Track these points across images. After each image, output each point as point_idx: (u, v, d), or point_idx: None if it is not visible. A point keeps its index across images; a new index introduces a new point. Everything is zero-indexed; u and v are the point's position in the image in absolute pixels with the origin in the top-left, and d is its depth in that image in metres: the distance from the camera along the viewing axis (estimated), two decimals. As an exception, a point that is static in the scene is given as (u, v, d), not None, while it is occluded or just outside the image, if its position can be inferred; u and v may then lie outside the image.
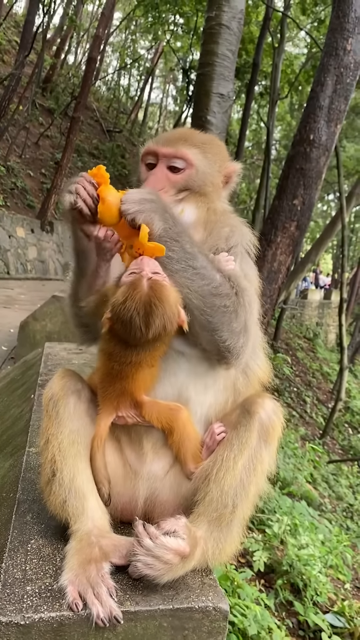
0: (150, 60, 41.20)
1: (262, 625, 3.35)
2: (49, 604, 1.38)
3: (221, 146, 1.96)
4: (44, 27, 24.71)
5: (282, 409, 1.70)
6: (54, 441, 1.60)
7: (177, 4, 20.82)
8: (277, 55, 17.76)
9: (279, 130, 36.05)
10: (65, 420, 1.62)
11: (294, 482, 6.80)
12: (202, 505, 1.58)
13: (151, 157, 1.83)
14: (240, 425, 1.63)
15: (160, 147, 1.80)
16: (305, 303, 27.20)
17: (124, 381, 1.60)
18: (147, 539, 1.43)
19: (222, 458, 1.60)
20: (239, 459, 1.59)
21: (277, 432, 1.65)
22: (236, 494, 1.57)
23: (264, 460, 1.62)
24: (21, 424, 2.82)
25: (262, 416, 1.63)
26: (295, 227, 6.42)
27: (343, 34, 6.16)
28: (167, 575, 1.44)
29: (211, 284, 1.58)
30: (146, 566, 1.41)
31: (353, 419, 17.97)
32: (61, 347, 4.52)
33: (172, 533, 1.46)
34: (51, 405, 1.64)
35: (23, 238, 19.03)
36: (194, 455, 1.67)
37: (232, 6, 6.65)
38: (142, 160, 1.86)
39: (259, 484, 1.63)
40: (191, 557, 1.49)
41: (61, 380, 1.69)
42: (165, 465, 1.69)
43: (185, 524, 1.52)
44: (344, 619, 4.16)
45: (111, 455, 1.70)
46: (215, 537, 1.57)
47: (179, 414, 1.63)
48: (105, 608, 1.36)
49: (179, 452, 1.66)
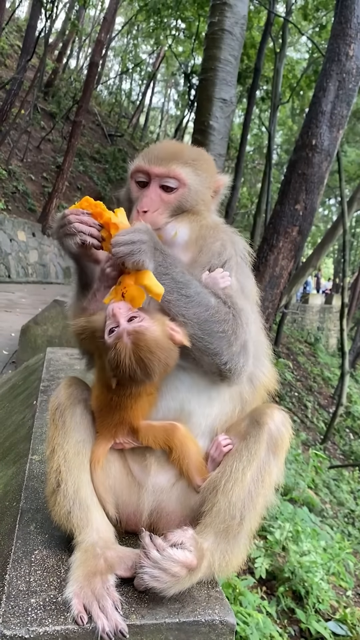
0: (152, 64, 41.30)
1: (264, 634, 3.33)
2: (53, 617, 1.36)
3: (210, 160, 1.93)
4: (46, 31, 24.75)
5: (290, 420, 1.69)
6: (60, 451, 1.59)
7: (179, 9, 20.90)
8: (279, 60, 17.79)
9: (280, 134, 36.14)
10: (72, 430, 1.61)
11: (295, 488, 6.77)
12: (209, 516, 1.57)
13: (142, 175, 1.80)
14: (249, 436, 1.62)
15: (153, 166, 1.76)
16: (306, 307, 27.20)
17: (122, 412, 1.59)
18: (154, 551, 1.41)
19: (231, 469, 1.58)
20: (247, 471, 1.57)
21: (286, 443, 1.65)
22: (244, 505, 1.56)
23: (272, 472, 1.61)
24: (23, 431, 2.80)
25: (271, 427, 1.62)
26: (297, 232, 6.43)
27: (345, 40, 6.18)
28: (174, 588, 1.42)
29: (207, 310, 1.57)
30: (153, 579, 1.39)
31: (354, 424, 17.92)
32: (63, 352, 4.51)
33: (179, 545, 1.45)
34: (57, 414, 1.63)
35: (24, 242, 19.03)
36: (198, 469, 1.65)
37: (234, 12, 6.68)
38: (132, 177, 1.82)
39: (267, 495, 1.62)
40: (198, 569, 1.47)
41: (68, 389, 1.68)
42: (171, 477, 1.67)
43: (192, 535, 1.50)
44: (346, 626, 4.13)
45: (114, 466, 1.68)
46: (222, 549, 1.55)
47: (174, 433, 1.62)
48: (110, 621, 1.34)
49: (181, 468, 1.65)
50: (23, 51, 19.71)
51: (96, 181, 27.34)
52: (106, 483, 1.64)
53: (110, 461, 1.67)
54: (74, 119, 21.13)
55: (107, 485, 1.64)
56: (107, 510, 1.62)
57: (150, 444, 1.62)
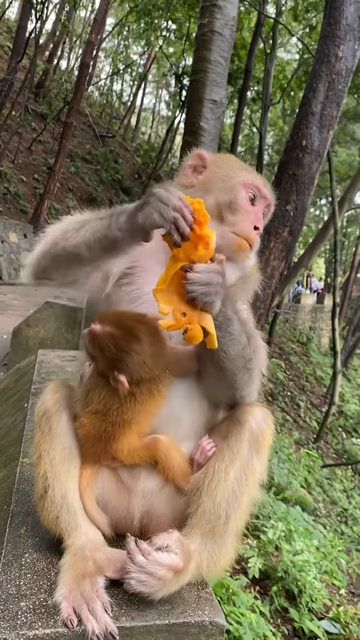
0: (143, 65, 41.35)
1: (258, 633, 3.34)
2: (43, 620, 1.36)
3: None
4: (37, 32, 24.70)
5: (272, 416, 1.70)
6: (46, 457, 1.59)
7: (170, 10, 20.92)
8: (269, 61, 17.85)
9: (272, 135, 36.26)
10: (58, 436, 1.61)
11: (288, 488, 6.79)
12: (195, 517, 1.57)
13: (255, 192, 1.82)
14: (231, 435, 1.62)
15: (270, 195, 1.86)
16: (298, 307, 27.30)
17: (109, 443, 1.60)
18: (140, 556, 1.41)
19: (214, 469, 1.59)
20: (230, 470, 1.58)
21: (268, 440, 1.65)
22: (229, 505, 1.56)
23: (255, 469, 1.61)
24: (14, 434, 2.80)
25: (252, 425, 1.62)
26: (288, 233, 6.44)
27: (334, 41, 6.20)
28: (161, 591, 1.42)
29: (244, 348, 1.60)
30: (140, 583, 1.39)
31: (347, 423, 18.00)
32: (54, 355, 4.49)
33: (164, 548, 1.45)
34: (44, 420, 1.63)
35: (16, 243, 18.96)
36: (184, 475, 1.65)
37: (224, 13, 6.70)
38: (244, 185, 1.80)
39: (251, 493, 1.62)
40: (185, 571, 1.47)
41: (54, 394, 1.67)
42: (160, 481, 1.67)
43: (177, 537, 1.50)
44: (340, 625, 4.15)
45: (103, 473, 1.68)
46: (209, 550, 1.56)
47: (157, 447, 1.62)
48: (100, 624, 1.34)
49: (167, 476, 1.65)
50: (13, 52, 19.66)
51: (88, 182, 27.29)
52: (97, 503, 1.65)
53: (99, 468, 1.67)
54: (65, 120, 21.09)
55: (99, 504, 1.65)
56: (102, 530, 1.62)
57: (136, 462, 1.63)
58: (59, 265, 1.68)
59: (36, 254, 1.71)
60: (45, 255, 1.69)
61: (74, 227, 1.64)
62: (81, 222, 1.65)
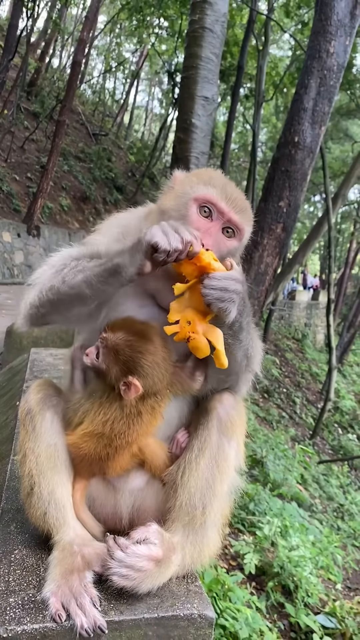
0: (136, 63, 41.20)
1: (254, 629, 3.34)
2: (32, 615, 1.36)
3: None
4: (28, 30, 24.56)
5: (242, 402, 1.72)
6: (31, 455, 1.59)
7: (161, 7, 20.87)
8: (262, 57, 17.84)
9: (265, 132, 36.28)
10: (42, 435, 1.61)
11: (284, 484, 6.80)
12: (175, 511, 1.59)
13: (210, 208, 1.65)
14: (199, 425, 1.63)
15: (232, 211, 1.65)
16: (293, 304, 27.30)
17: (106, 463, 1.60)
18: (118, 551, 1.42)
19: (184, 461, 1.60)
20: (200, 459, 1.59)
21: (239, 425, 1.65)
22: (203, 494, 1.57)
23: (227, 456, 1.62)
24: (6, 432, 2.79)
25: (219, 412, 1.63)
26: (281, 229, 6.44)
27: (326, 37, 6.19)
28: (144, 583, 1.43)
29: (247, 349, 1.61)
30: (122, 578, 1.40)
31: (342, 419, 18.07)
32: (47, 353, 4.49)
33: (143, 541, 1.46)
34: (28, 419, 1.63)
35: (9, 242, 18.89)
36: (164, 466, 1.67)
37: (215, 9, 6.68)
38: (196, 200, 1.64)
39: (226, 480, 1.62)
40: (167, 561, 1.48)
41: (37, 394, 1.67)
42: (146, 478, 1.69)
43: (156, 529, 1.51)
44: (335, 619, 4.16)
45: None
46: (191, 541, 1.57)
47: (145, 450, 1.64)
48: (89, 618, 1.34)
49: (154, 474, 1.68)
50: (5, 50, 19.51)
51: (81, 180, 27.19)
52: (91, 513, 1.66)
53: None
54: (58, 119, 20.98)
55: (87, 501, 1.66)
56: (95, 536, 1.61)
57: (125, 468, 1.64)
58: (59, 307, 1.62)
59: (30, 301, 1.64)
60: (41, 302, 1.62)
61: (68, 266, 1.59)
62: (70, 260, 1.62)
